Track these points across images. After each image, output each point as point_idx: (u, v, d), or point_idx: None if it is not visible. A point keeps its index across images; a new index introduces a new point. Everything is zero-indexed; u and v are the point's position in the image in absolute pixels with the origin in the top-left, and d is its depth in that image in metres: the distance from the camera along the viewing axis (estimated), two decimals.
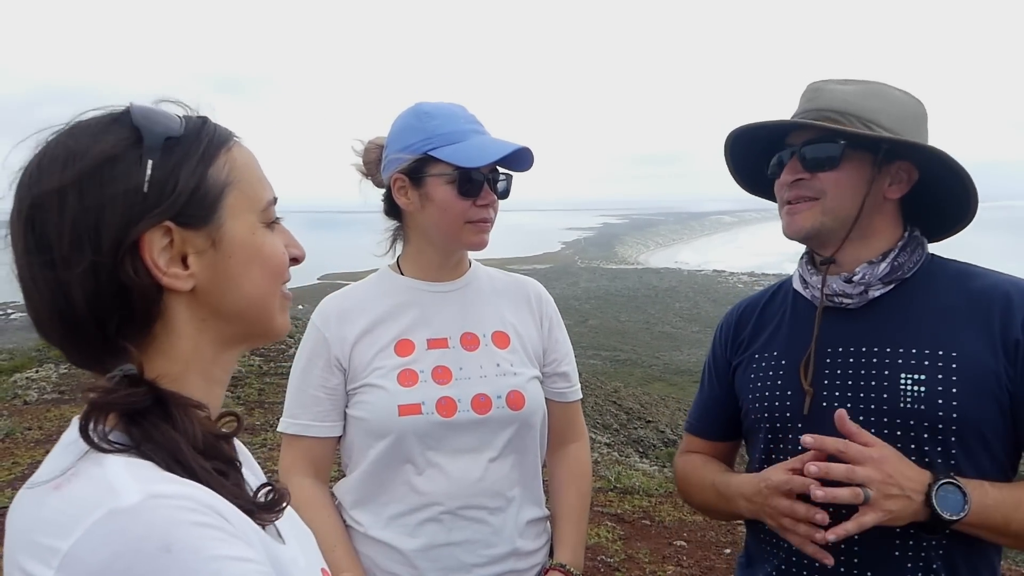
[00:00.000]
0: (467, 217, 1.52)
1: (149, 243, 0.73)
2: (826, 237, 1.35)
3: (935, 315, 1.31)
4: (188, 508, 0.65)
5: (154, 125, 0.75)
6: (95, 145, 0.72)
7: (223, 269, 0.78)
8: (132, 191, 0.72)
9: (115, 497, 0.64)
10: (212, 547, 0.64)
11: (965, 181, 1.29)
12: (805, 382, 1.36)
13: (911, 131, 1.33)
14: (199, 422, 0.75)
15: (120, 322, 0.73)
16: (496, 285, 1.70)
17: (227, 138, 0.82)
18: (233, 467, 0.78)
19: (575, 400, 1.76)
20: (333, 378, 1.56)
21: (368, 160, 1.64)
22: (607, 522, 4.88)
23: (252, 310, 0.82)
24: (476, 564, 1.54)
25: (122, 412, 0.71)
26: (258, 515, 0.76)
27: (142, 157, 0.73)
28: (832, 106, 1.32)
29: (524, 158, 1.55)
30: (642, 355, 36.52)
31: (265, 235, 0.82)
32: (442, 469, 1.52)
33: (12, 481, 5.57)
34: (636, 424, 15.74)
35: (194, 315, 0.78)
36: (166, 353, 0.77)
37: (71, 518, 0.64)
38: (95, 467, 0.68)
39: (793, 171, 1.34)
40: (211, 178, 0.77)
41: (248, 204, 0.81)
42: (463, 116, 1.54)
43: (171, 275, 0.74)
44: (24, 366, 10.20)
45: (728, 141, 1.45)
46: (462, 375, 1.55)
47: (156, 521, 0.63)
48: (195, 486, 0.69)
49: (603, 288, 64.01)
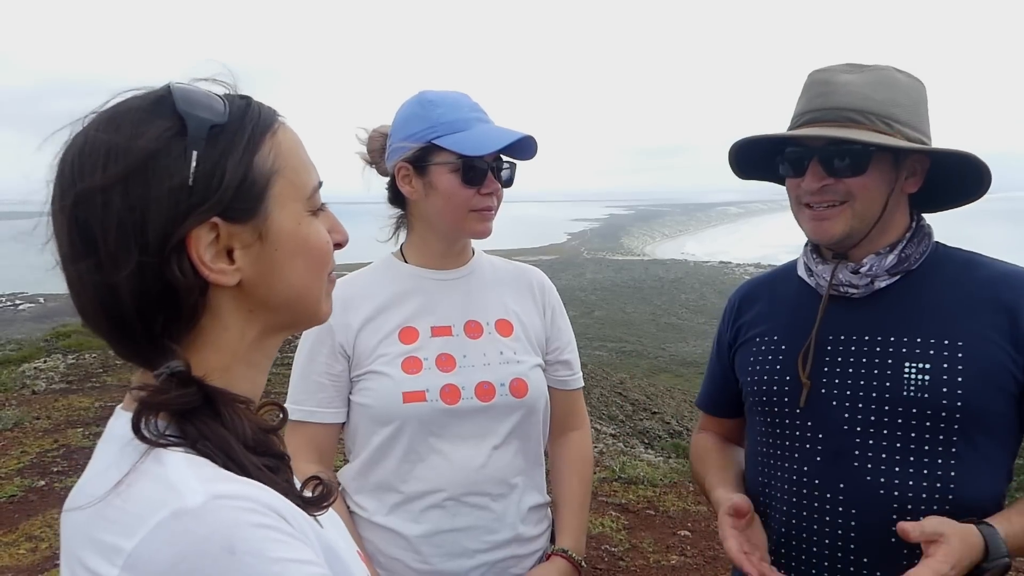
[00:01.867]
0: (471, 205, 1.53)
1: (196, 240, 0.70)
2: (853, 239, 1.34)
3: (940, 305, 1.31)
4: (250, 509, 0.65)
5: (198, 112, 0.72)
6: (138, 139, 0.69)
7: (269, 261, 0.76)
8: (177, 187, 0.69)
9: (179, 497, 0.64)
10: (274, 549, 0.64)
11: (980, 167, 1.29)
12: (803, 374, 1.36)
13: (922, 119, 1.32)
14: (248, 418, 0.74)
15: (166, 320, 0.71)
16: (499, 274, 1.71)
17: (271, 120, 0.78)
18: (283, 462, 0.77)
19: (577, 388, 1.77)
20: (337, 364, 1.57)
21: (372, 148, 1.65)
22: (612, 512, 4.90)
23: (298, 300, 0.80)
24: (479, 550, 1.56)
25: (173, 412, 0.70)
26: (309, 510, 0.75)
27: (186, 149, 0.70)
28: (850, 104, 1.29)
29: (528, 146, 1.55)
30: (648, 346, 36.53)
31: (311, 224, 0.80)
32: (446, 456, 1.54)
33: (21, 470, 5.61)
34: (642, 415, 15.76)
35: (240, 307, 0.77)
36: (212, 344, 0.75)
37: (135, 517, 0.64)
38: (156, 465, 0.67)
39: (817, 177, 1.30)
40: (257, 167, 0.75)
41: (294, 192, 0.78)
42: (467, 104, 1.55)
43: (217, 271, 0.73)
44: (32, 356, 10.27)
45: (734, 149, 1.42)
46: (466, 363, 1.56)
47: (220, 522, 0.63)
48: (254, 485, 0.69)
49: (609, 279, 63.99)
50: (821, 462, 1.34)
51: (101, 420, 7.08)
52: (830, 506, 1.32)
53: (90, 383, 8.89)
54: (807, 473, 1.35)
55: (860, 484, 1.30)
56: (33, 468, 5.68)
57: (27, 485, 5.27)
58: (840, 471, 1.31)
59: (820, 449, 1.34)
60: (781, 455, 1.40)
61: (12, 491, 5.14)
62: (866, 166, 1.28)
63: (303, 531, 0.70)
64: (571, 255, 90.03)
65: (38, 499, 5.04)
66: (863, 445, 1.30)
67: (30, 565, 4.09)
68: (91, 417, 7.20)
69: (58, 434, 6.56)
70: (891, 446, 1.28)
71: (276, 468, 0.74)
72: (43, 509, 4.82)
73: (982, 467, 1.27)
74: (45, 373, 9.28)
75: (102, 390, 8.51)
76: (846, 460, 1.31)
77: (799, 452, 1.37)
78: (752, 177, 1.51)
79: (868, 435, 1.30)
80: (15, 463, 5.77)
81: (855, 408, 1.31)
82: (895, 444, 1.28)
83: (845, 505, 1.31)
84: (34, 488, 5.25)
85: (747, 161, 1.47)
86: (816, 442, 1.35)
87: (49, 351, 10.61)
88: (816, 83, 1.34)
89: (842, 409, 1.32)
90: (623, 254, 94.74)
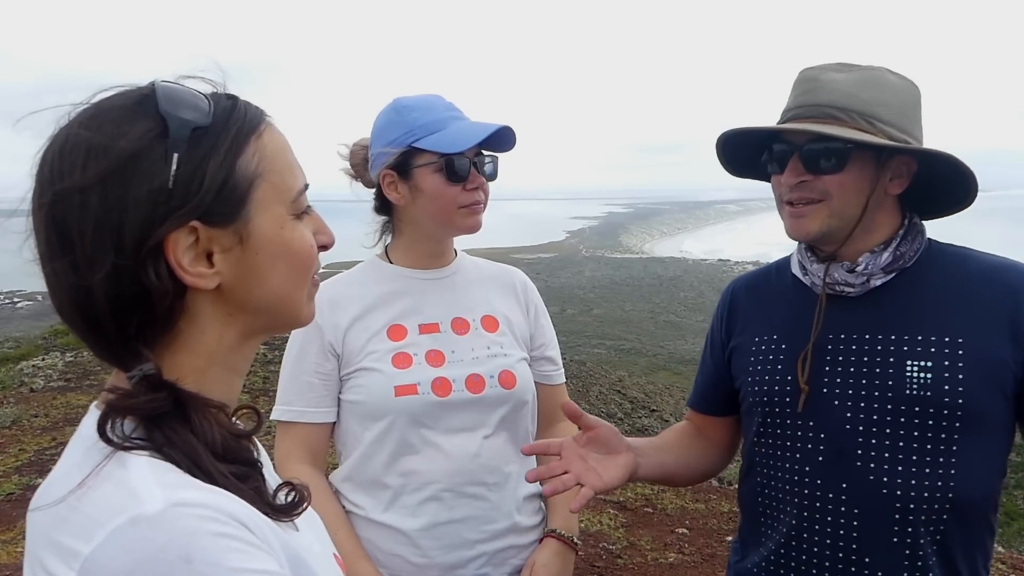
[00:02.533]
0: (458, 202, 1.55)
1: (174, 244, 0.69)
2: (831, 237, 1.33)
3: (938, 301, 1.31)
4: (210, 518, 0.64)
5: (181, 113, 0.71)
6: (118, 140, 0.68)
7: (250, 265, 0.75)
8: (157, 190, 0.68)
9: (138, 503, 0.63)
10: (233, 559, 0.63)
11: (965, 173, 1.28)
12: (802, 379, 1.36)
13: (911, 121, 1.31)
14: (219, 424, 0.73)
15: (141, 322, 0.70)
16: (483, 273, 1.75)
17: (257, 122, 0.77)
18: (253, 468, 0.76)
19: (561, 383, 1.83)
20: (327, 363, 1.59)
21: (355, 162, 1.68)
22: (609, 510, 4.90)
23: (279, 304, 0.79)
24: (478, 540, 1.57)
25: (141, 415, 0.70)
26: (278, 518, 0.74)
27: (167, 151, 0.69)
28: (833, 101, 1.29)
29: (506, 138, 1.59)
30: (647, 344, 36.55)
31: (294, 228, 0.78)
32: (439, 448, 1.55)
33: (19, 468, 5.61)
34: (640, 413, 15.77)
35: (219, 310, 0.75)
36: (189, 347, 0.75)
37: (94, 521, 0.63)
38: (119, 469, 0.67)
39: (796, 173, 1.30)
40: (239, 171, 0.73)
41: (277, 196, 0.77)
42: (441, 105, 1.58)
43: (195, 274, 0.71)
44: (31, 354, 10.25)
45: (720, 142, 1.43)
46: (455, 357, 1.59)
47: (178, 531, 0.62)
48: (218, 492, 0.67)
49: (608, 277, 63.99)
50: (823, 462, 1.34)
51: None
52: (832, 506, 1.32)
53: (88, 381, 8.88)
54: (809, 473, 1.35)
55: (863, 484, 1.29)
56: (31, 466, 5.68)
57: (25, 483, 5.27)
58: (842, 471, 1.31)
59: (822, 449, 1.34)
60: (781, 456, 1.40)
61: (10, 489, 5.14)
62: (844, 163, 1.27)
63: (267, 540, 0.69)
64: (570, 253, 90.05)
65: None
66: (866, 445, 1.30)
67: None
68: None
69: (56, 432, 6.56)
70: (894, 445, 1.28)
71: (244, 475, 0.73)
72: None
73: (981, 464, 1.28)
74: (43, 371, 9.27)
75: (100, 388, 8.49)
76: (848, 460, 1.31)
77: (800, 452, 1.37)
78: (746, 175, 1.51)
79: (871, 434, 1.30)
80: (13, 461, 5.77)
81: (857, 408, 1.31)
82: (898, 443, 1.28)
83: (848, 505, 1.31)
84: (32, 486, 5.25)
85: (739, 159, 1.47)
86: (818, 442, 1.34)
87: (47, 349, 10.60)
88: (804, 80, 1.35)
89: (844, 409, 1.32)
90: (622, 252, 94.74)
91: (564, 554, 1.65)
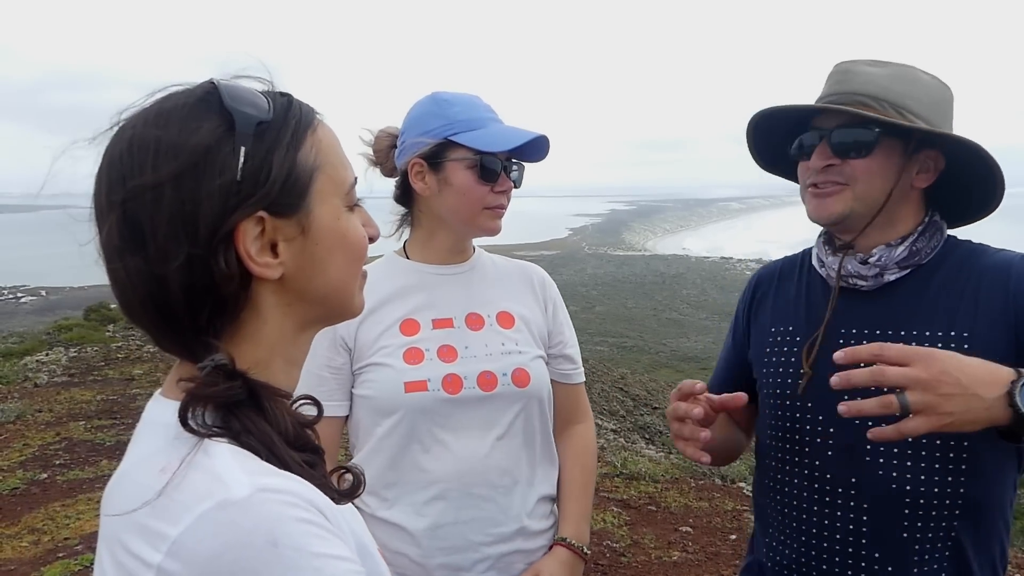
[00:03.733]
0: (485, 203, 1.55)
1: (243, 234, 0.72)
2: (852, 223, 1.34)
3: (947, 297, 1.30)
4: (293, 504, 0.66)
5: (245, 108, 0.74)
6: (190, 136, 0.71)
7: (310, 255, 0.78)
8: (227, 183, 0.71)
9: (225, 488, 0.65)
10: (316, 544, 0.65)
11: (993, 170, 1.28)
12: (806, 363, 1.36)
13: (941, 118, 1.32)
14: (287, 413, 0.76)
15: (211, 312, 0.73)
16: (500, 270, 1.73)
17: (312, 118, 0.80)
18: (320, 456, 0.79)
19: (579, 382, 1.78)
20: (339, 357, 1.58)
21: (379, 148, 1.66)
22: (613, 508, 4.91)
23: (335, 293, 0.82)
24: (483, 543, 1.55)
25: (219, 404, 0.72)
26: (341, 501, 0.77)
27: (235, 145, 0.72)
28: (865, 90, 1.30)
29: (540, 147, 1.59)
30: (649, 342, 36.54)
31: (349, 219, 0.82)
32: (448, 447, 1.54)
33: (23, 463, 5.63)
34: (643, 410, 15.76)
35: (280, 300, 0.78)
36: (252, 338, 0.77)
37: (181, 505, 0.65)
38: (203, 456, 0.68)
39: (823, 156, 1.32)
40: (300, 163, 0.77)
41: (334, 188, 0.80)
42: (481, 105, 1.59)
43: (263, 264, 0.74)
44: (34, 349, 10.29)
45: (752, 122, 1.44)
46: (468, 353, 1.57)
47: (264, 515, 0.64)
48: (296, 479, 0.70)
49: (610, 274, 63.98)
50: (833, 456, 1.34)
51: (103, 413, 7.11)
52: (842, 500, 1.32)
53: (92, 376, 8.91)
54: (819, 467, 1.35)
55: (873, 478, 1.29)
56: (35, 461, 5.70)
57: (29, 478, 5.29)
58: (852, 465, 1.31)
59: (831, 443, 1.34)
60: (791, 448, 1.40)
61: (14, 484, 5.16)
62: (872, 149, 1.29)
63: (340, 527, 0.71)
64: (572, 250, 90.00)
65: (40, 492, 5.06)
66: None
67: (32, 558, 4.10)
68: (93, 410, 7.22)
69: (60, 427, 6.58)
70: (903, 441, 1.27)
71: (313, 463, 0.76)
72: (45, 502, 4.84)
73: (993, 461, 1.27)
74: (47, 366, 9.30)
75: (104, 383, 8.54)
76: (858, 454, 1.31)
77: (810, 447, 1.37)
78: (773, 170, 1.52)
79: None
80: (17, 456, 5.80)
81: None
82: (907, 439, 1.26)
83: (857, 499, 1.31)
84: (36, 481, 5.27)
85: (767, 148, 1.49)
86: (827, 436, 1.34)
87: (51, 344, 10.64)
88: (838, 72, 1.36)
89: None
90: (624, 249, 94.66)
91: (573, 564, 1.62)
